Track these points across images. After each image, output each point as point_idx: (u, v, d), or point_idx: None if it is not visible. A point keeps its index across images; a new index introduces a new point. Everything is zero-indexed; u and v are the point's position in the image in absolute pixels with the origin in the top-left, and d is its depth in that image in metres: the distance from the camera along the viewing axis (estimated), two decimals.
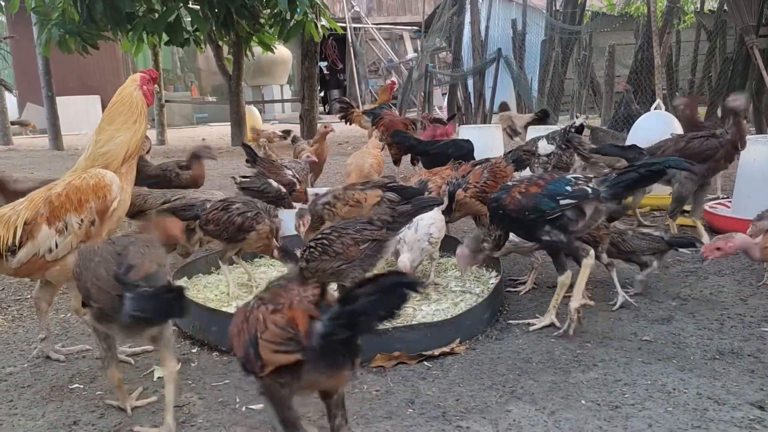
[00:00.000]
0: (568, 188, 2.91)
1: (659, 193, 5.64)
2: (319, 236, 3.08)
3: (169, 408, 2.20)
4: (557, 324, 3.06)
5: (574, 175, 3.00)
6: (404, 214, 3.12)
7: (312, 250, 3.04)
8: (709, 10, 14.16)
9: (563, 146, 4.48)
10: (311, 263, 3.03)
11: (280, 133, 8.97)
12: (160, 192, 4.27)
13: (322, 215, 3.76)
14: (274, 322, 1.68)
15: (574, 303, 2.96)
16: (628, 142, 5.81)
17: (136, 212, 4.12)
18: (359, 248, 2.99)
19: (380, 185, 3.89)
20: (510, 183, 3.17)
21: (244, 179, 4.59)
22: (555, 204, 2.90)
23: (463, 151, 5.36)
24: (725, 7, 9.56)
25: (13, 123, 16.93)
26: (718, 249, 2.93)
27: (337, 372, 1.70)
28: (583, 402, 2.36)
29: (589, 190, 2.89)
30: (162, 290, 1.97)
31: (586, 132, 9.63)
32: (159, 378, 2.67)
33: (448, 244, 4.22)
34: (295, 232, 4.31)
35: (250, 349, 1.71)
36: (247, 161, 5.27)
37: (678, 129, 5.83)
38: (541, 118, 8.39)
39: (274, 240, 3.45)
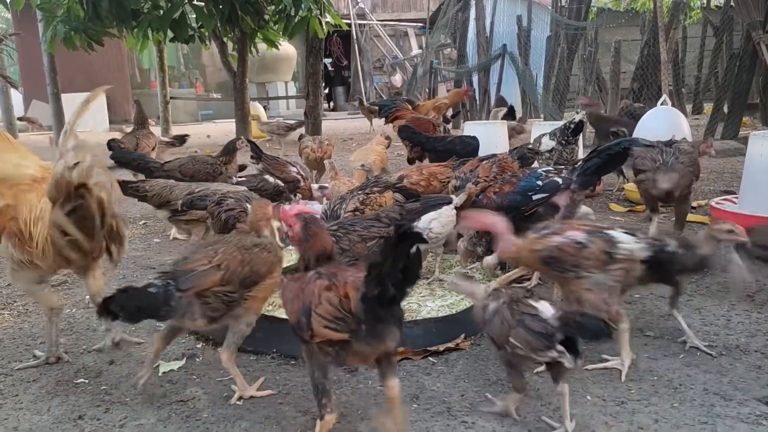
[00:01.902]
0: (539, 182, 2.97)
1: None
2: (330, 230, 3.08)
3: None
4: None
5: (545, 168, 3.05)
6: (412, 211, 3.12)
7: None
8: (716, 6, 14.11)
9: (563, 142, 4.49)
10: None
11: (169, 140, 7.89)
12: (185, 185, 4.37)
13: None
14: (328, 300, 1.85)
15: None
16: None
17: (162, 203, 4.23)
18: (366, 245, 2.98)
19: (389, 186, 3.90)
20: (486, 184, 3.22)
21: (240, 178, 4.64)
22: (528, 199, 2.95)
23: (470, 147, 5.38)
24: (732, 3, 9.50)
25: (20, 119, 17.01)
26: (466, 218, 2.69)
27: (381, 343, 1.85)
28: (588, 397, 2.35)
29: (560, 181, 2.94)
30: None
31: (591, 128, 9.61)
32: (164, 372, 2.67)
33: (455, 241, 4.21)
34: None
35: (303, 317, 1.89)
36: (252, 157, 5.29)
37: (685, 125, 5.81)
38: (509, 113, 8.71)
39: None
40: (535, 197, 2.94)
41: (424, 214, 3.24)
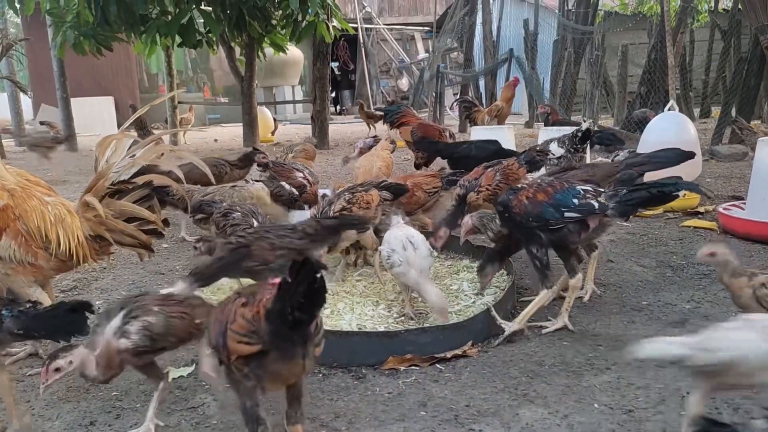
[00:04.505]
0: (575, 201, 2.86)
1: None
2: (241, 234, 3.11)
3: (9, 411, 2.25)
4: (570, 327, 3.05)
5: (584, 187, 2.93)
6: (327, 227, 3.13)
7: (231, 245, 3.05)
8: (724, 9, 14.06)
9: (572, 149, 4.48)
10: None
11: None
12: (202, 189, 4.55)
13: None
14: (242, 315, 1.82)
15: (515, 326, 2.97)
16: (641, 143, 5.79)
17: (185, 206, 4.49)
18: (275, 253, 2.98)
19: (374, 185, 3.93)
20: (520, 185, 3.16)
21: (256, 182, 4.65)
22: (559, 215, 2.87)
23: (487, 152, 5.26)
24: (740, 6, 9.48)
25: (42, 123, 17.21)
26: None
27: (293, 360, 1.82)
28: (596, 405, 2.35)
29: (596, 206, 2.83)
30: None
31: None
32: (174, 379, 2.69)
33: (459, 246, 4.24)
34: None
35: (220, 338, 1.85)
36: (258, 164, 5.30)
37: (692, 130, 5.80)
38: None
39: None
40: (567, 214, 2.86)
41: (339, 231, 3.23)
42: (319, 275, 1.65)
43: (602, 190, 2.93)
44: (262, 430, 1.90)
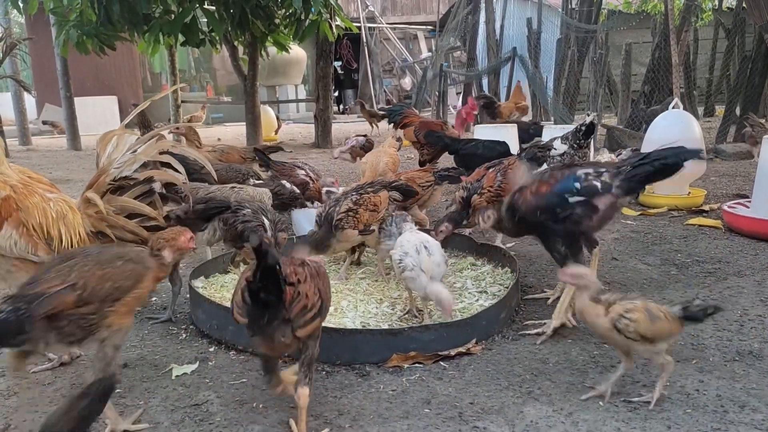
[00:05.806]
0: (577, 185, 2.83)
1: (676, 194, 5.60)
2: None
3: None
4: (573, 324, 3.04)
5: (585, 171, 2.89)
6: (198, 211, 3.18)
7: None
8: (728, 8, 14.02)
9: (575, 145, 4.47)
10: None
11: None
12: (208, 186, 4.44)
13: (342, 224, 3.58)
14: (241, 288, 2.04)
15: (555, 322, 2.95)
16: (645, 142, 5.78)
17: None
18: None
19: (384, 185, 3.91)
20: (522, 185, 3.10)
21: (257, 182, 4.65)
22: (564, 202, 2.84)
23: (494, 152, 5.21)
24: (744, 5, 9.45)
25: (44, 122, 17.30)
26: None
27: (267, 335, 2.02)
28: (600, 403, 2.34)
29: (599, 185, 2.80)
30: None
31: (602, 131, 9.57)
32: (177, 376, 2.69)
33: (463, 244, 4.23)
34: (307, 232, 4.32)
35: (231, 305, 2.14)
36: (260, 165, 5.31)
37: (696, 129, 5.78)
38: None
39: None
40: (571, 200, 2.81)
41: (208, 213, 3.31)
42: (270, 262, 1.86)
43: (603, 169, 2.86)
44: (269, 378, 2.20)
